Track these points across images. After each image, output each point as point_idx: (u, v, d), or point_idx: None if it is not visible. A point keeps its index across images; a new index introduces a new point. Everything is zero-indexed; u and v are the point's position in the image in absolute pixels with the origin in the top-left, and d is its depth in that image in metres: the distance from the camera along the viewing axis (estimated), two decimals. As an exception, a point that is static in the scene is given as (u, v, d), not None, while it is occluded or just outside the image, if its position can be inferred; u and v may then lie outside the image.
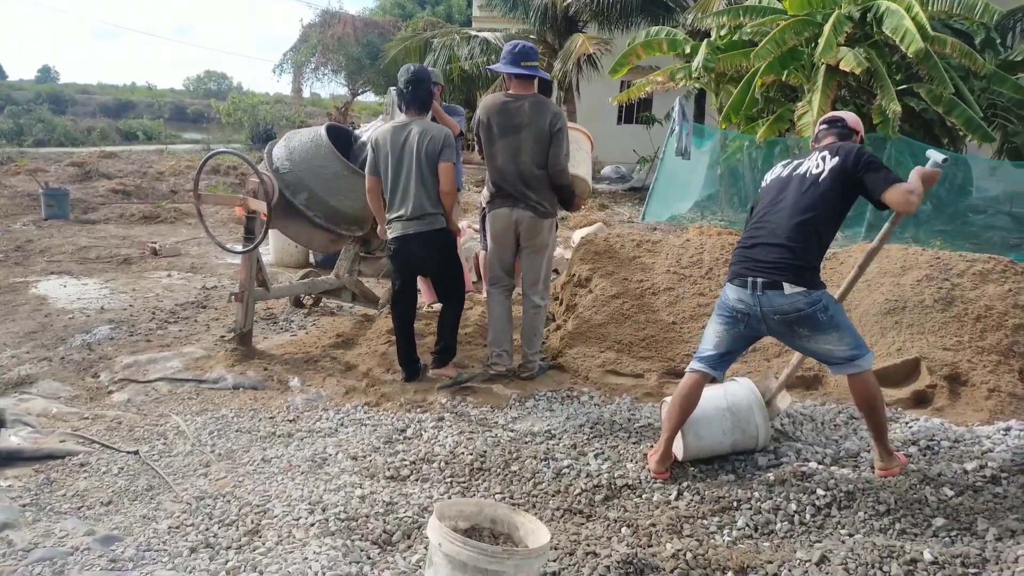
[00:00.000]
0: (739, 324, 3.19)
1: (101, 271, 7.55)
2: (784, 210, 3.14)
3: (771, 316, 3.06)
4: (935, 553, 2.58)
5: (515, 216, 4.29)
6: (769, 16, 11.14)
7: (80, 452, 3.54)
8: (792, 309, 3.01)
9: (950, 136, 11.67)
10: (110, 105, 40.57)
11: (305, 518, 2.85)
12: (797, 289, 3.00)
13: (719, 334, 3.26)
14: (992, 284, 4.50)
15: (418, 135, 4.21)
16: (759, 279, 3.07)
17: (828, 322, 3.02)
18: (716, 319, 3.29)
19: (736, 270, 3.21)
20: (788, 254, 3.05)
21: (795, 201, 3.13)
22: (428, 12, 31.55)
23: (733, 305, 3.17)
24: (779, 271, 3.04)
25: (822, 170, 3.11)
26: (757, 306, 3.07)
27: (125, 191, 12.80)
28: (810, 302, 3.00)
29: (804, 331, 3.05)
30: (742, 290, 3.12)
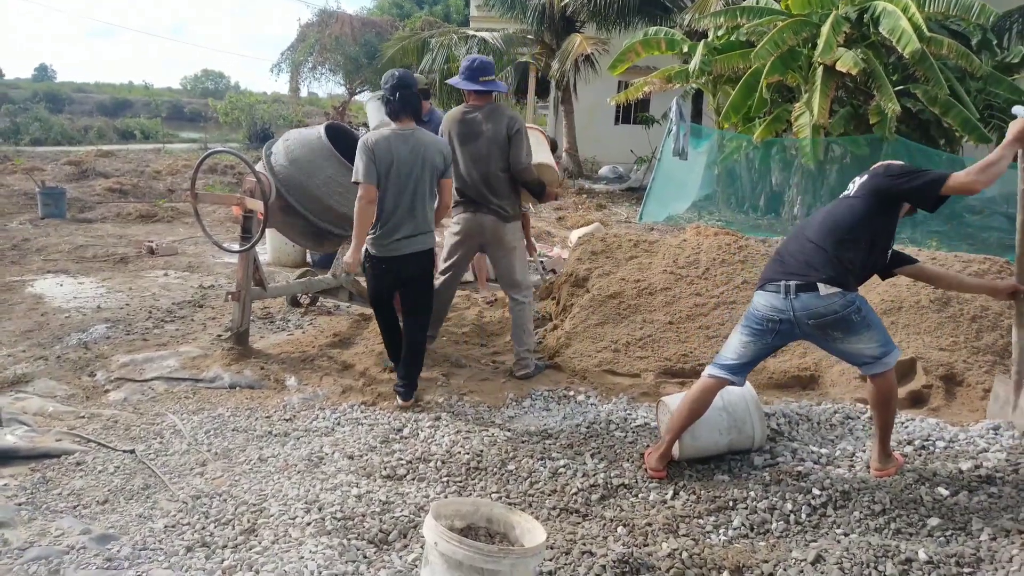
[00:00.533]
0: (768, 335, 3.13)
1: (98, 270, 7.54)
2: (816, 221, 3.19)
3: (805, 320, 3.02)
4: (930, 552, 2.59)
5: (479, 220, 4.43)
6: (766, 17, 11.16)
7: (76, 451, 3.53)
8: (828, 311, 2.97)
9: (946, 137, 11.69)
10: (107, 104, 40.49)
11: (301, 517, 2.85)
12: (832, 290, 2.97)
13: (745, 345, 3.18)
14: (988, 285, 4.51)
15: (426, 148, 3.94)
16: (791, 282, 3.03)
17: (861, 323, 2.99)
18: (743, 330, 3.20)
19: (766, 275, 3.18)
20: (820, 255, 3.03)
21: (826, 214, 3.20)
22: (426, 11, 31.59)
23: (764, 315, 3.10)
24: (812, 271, 3.01)
25: (853, 188, 3.20)
26: (790, 311, 3.02)
27: (122, 190, 12.77)
28: (845, 303, 2.97)
29: (838, 333, 3.02)
30: (774, 295, 3.07)
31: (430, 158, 3.94)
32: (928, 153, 11.19)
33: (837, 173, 11.63)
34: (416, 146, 3.91)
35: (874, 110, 10.43)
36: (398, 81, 3.96)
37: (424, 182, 3.94)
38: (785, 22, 10.61)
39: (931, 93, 10.27)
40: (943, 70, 10.19)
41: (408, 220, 3.92)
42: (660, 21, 15.96)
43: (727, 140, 12.74)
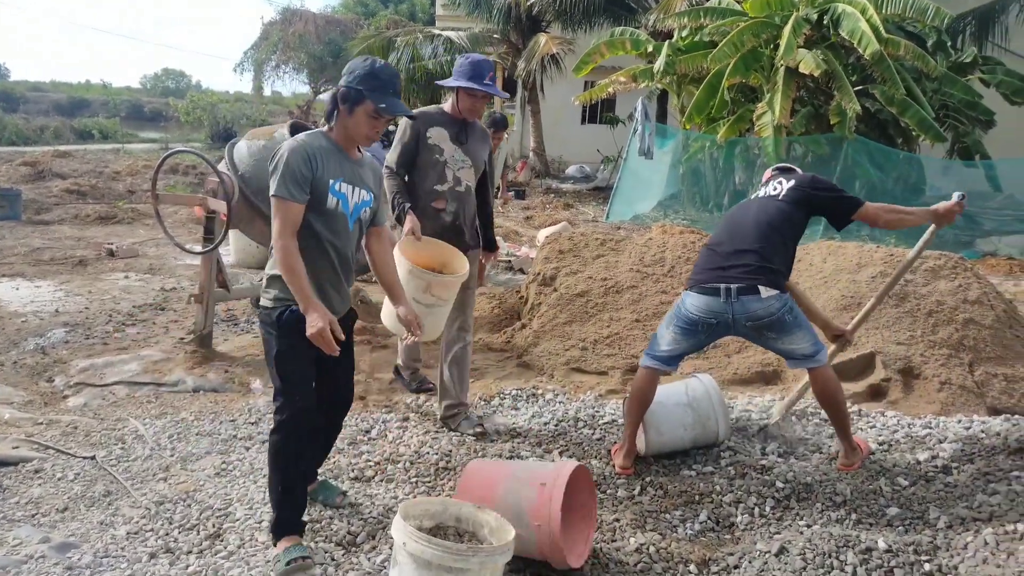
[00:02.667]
0: (699, 334, 3.19)
1: (55, 273, 7.37)
2: (748, 222, 3.21)
3: (743, 322, 3.07)
4: (889, 541, 2.65)
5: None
6: (729, 18, 11.31)
7: (34, 458, 3.45)
8: (766, 313, 3.03)
9: (904, 136, 11.97)
10: (64, 103, 39.50)
11: (267, 521, 2.81)
12: (771, 292, 3.03)
13: (676, 340, 3.23)
14: (943, 280, 4.63)
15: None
16: (734, 285, 3.05)
17: (793, 323, 3.07)
18: (673, 327, 3.23)
19: (702, 278, 3.16)
20: (760, 258, 3.08)
21: (757, 214, 3.23)
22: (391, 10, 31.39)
23: (697, 317, 3.13)
24: (755, 275, 3.05)
25: (779, 191, 3.28)
26: (729, 313, 3.06)
27: (80, 191, 12.50)
28: (780, 305, 3.04)
29: (772, 334, 3.09)
30: (711, 299, 3.08)
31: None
32: (887, 152, 11.45)
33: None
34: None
35: (834, 110, 10.63)
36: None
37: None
38: (746, 23, 10.77)
39: (889, 93, 10.51)
40: (900, 71, 10.43)
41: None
42: (625, 21, 16.08)
43: (691, 140, 12.89)
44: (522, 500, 2.50)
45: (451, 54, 17.20)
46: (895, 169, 11.84)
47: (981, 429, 3.53)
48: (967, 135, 12.26)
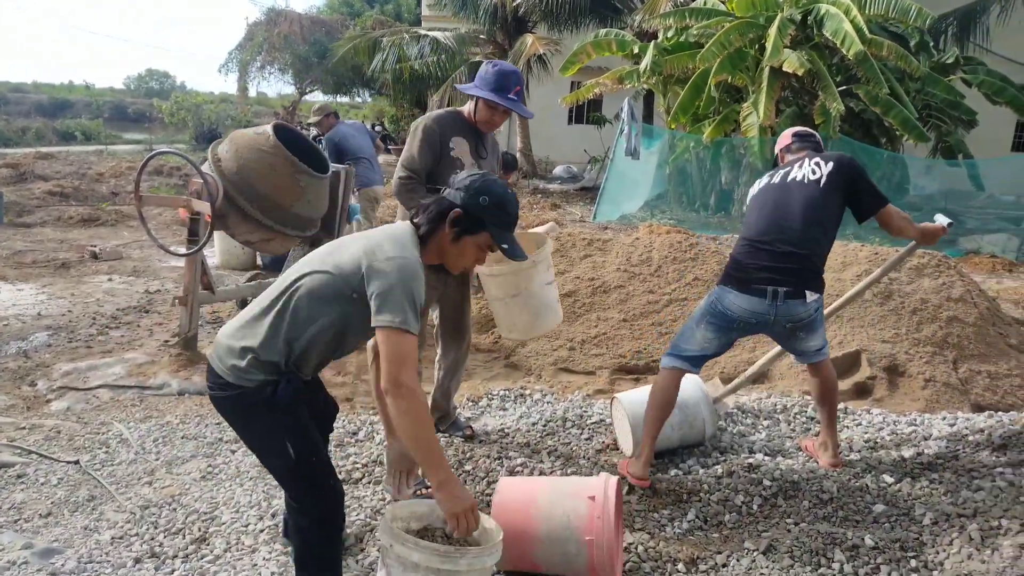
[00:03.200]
0: (734, 332, 3.10)
1: (38, 276, 7.29)
2: (795, 215, 3.03)
3: (784, 323, 3.00)
4: (876, 539, 2.67)
5: None
6: (714, 18, 11.35)
7: (17, 463, 3.41)
8: (807, 316, 3.00)
9: (887, 136, 12.07)
10: (46, 104, 39.08)
11: (254, 524, 2.80)
12: (815, 296, 2.99)
13: (708, 339, 3.11)
14: (927, 278, 4.67)
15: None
16: (782, 288, 2.94)
17: (819, 321, 3.08)
18: (706, 325, 3.10)
19: (748, 277, 3.00)
20: (809, 263, 2.99)
21: (804, 206, 3.03)
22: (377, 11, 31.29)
23: (736, 315, 3.02)
24: (804, 280, 2.96)
25: (819, 176, 3.07)
26: (772, 314, 2.97)
27: (63, 193, 12.37)
28: (817, 306, 3.02)
29: (803, 333, 3.06)
30: (757, 299, 2.97)
31: None
32: (871, 151, 11.54)
33: (785, 171, 11.90)
34: None
35: (819, 110, 10.70)
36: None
37: None
38: (731, 24, 10.82)
39: (872, 93, 10.59)
40: (883, 71, 10.52)
41: None
42: (611, 22, 16.12)
43: (678, 140, 12.94)
44: (570, 513, 2.41)
45: (437, 54, 17.18)
46: (879, 168, 11.93)
47: (965, 426, 3.57)
48: (950, 134, 12.38)
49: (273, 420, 2.06)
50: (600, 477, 2.57)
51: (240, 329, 2.10)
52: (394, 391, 1.91)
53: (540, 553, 2.43)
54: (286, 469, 2.11)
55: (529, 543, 2.43)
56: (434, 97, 18.49)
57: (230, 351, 2.08)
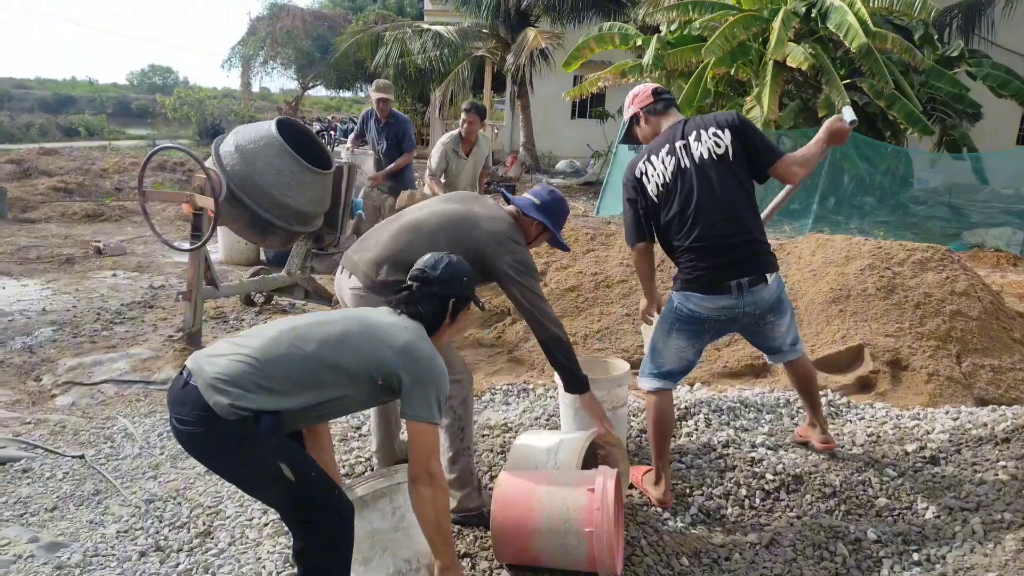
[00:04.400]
0: (707, 333, 2.96)
1: (42, 271, 7.31)
2: (727, 201, 2.80)
3: (751, 312, 2.87)
4: (878, 532, 2.68)
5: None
6: (718, 12, 11.31)
7: (22, 458, 3.43)
8: (772, 297, 2.88)
9: (892, 130, 12.02)
10: (49, 100, 39.16)
11: (258, 518, 2.81)
12: (774, 273, 2.89)
13: (682, 349, 2.96)
14: (931, 272, 4.66)
15: None
16: (744, 279, 2.81)
17: (786, 301, 2.97)
18: (677, 335, 2.94)
19: (710, 278, 2.83)
20: (758, 244, 2.86)
21: (730, 188, 2.81)
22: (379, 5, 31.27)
23: (706, 315, 2.87)
24: (761, 263, 2.85)
25: (725, 147, 2.82)
26: (740, 307, 2.85)
27: (67, 189, 12.39)
28: (779, 284, 2.92)
29: (772, 316, 2.92)
30: (722, 297, 2.83)
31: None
32: (875, 145, 11.50)
33: (788, 165, 11.87)
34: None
35: (823, 104, 10.66)
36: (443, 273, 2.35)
37: None
38: (736, 17, 10.78)
39: (876, 87, 10.54)
40: (887, 64, 10.47)
41: None
42: (613, 15, 16.07)
43: (681, 134, 12.89)
44: (570, 505, 2.42)
45: (440, 49, 17.16)
46: (883, 162, 11.89)
47: (968, 420, 3.56)
48: (954, 128, 12.33)
49: (268, 444, 2.00)
50: (599, 470, 2.57)
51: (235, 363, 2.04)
52: (426, 479, 2.08)
53: (540, 545, 2.44)
54: (286, 494, 2.04)
55: (529, 536, 2.44)
56: (436, 92, 18.47)
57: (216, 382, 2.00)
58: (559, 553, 2.43)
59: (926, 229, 10.91)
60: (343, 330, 2.12)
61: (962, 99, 12.01)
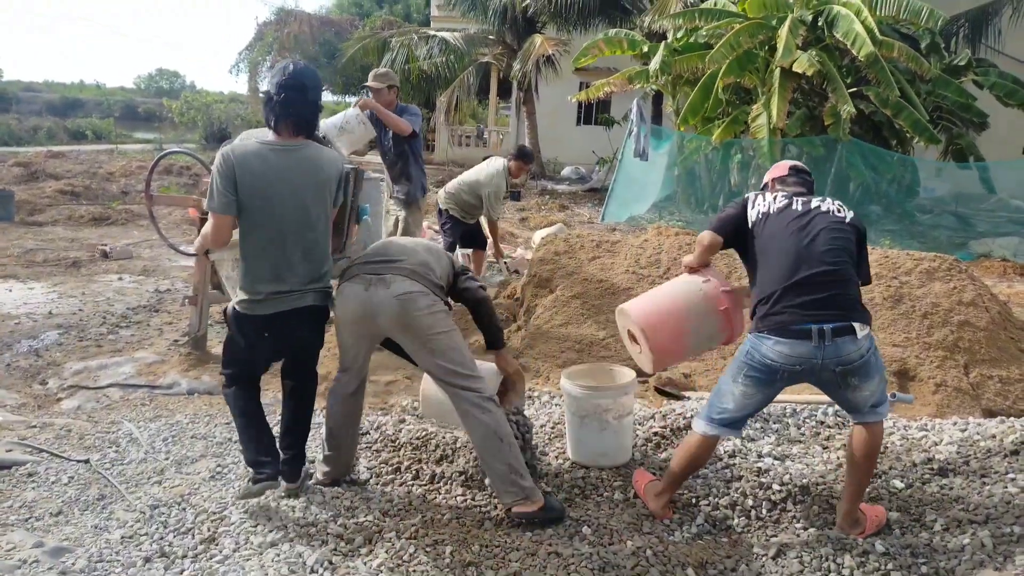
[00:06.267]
0: (778, 383, 2.70)
1: (49, 275, 7.33)
2: (823, 243, 2.70)
3: (832, 367, 2.60)
4: (886, 544, 2.66)
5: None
6: (724, 19, 11.33)
7: (28, 462, 3.43)
8: (858, 356, 2.60)
9: (898, 138, 12.02)
10: (57, 103, 39.34)
11: (263, 525, 2.80)
12: (865, 331, 2.62)
13: (748, 395, 2.72)
14: (938, 282, 4.64)
15: (320, 168, 2.87)
16: (828, 326, 2.56)
17: (876, 364, 2.67)
18: (745, 380, 2.71)
19: (787, 319, 2.62)
20: (847, 288, 2.65)
21: (832, 236, 2.72)
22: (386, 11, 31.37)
23: (779, 365, 2.62)
24: (850, 310, 2.61)
25: (845, 216, 2.81)
26: (819, 359, 2.57)
27: (73, 192, 12.45)
28: (870, 344, 2.64)
29: (855, 379, 2.63)
30: (800, 343, 2.58)
31: (324, 181, 2.88)
32: (881, 154, 11.50)
33: (794, 173, 11.87)
34: (306, 165, 2.85)
35: (829, 112, 10.66)
36: (289, 78, 2.82)
37: (315, 216, 2.88)
38: (742, 25, 10.79)
39: (883, 95, 10.54)
40: (894, 73, 10.47)
41: (288, 268, 2.84)
42: (620, 23, 16.13)
43: (687, 141, 12.92)
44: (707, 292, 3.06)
45: (446, 55, 17.21)
46: (889, 171, 11.88)
47: (977, 431, 3.54)
48: (961, 137, 12.32)
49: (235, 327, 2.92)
50: (706, 273, 3.11)
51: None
52: None
53: (691, 342, 3.07)
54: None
55: (682, 337, 3.03)
56: (442, 97, 18.52)
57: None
58: (704, 337, 3.05)
59: (932, 238, 10.89)
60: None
61: (969, 108, 12.01)
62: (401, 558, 2.59)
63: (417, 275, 2.92)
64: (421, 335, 2.88)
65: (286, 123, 2.84)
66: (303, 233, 2.84)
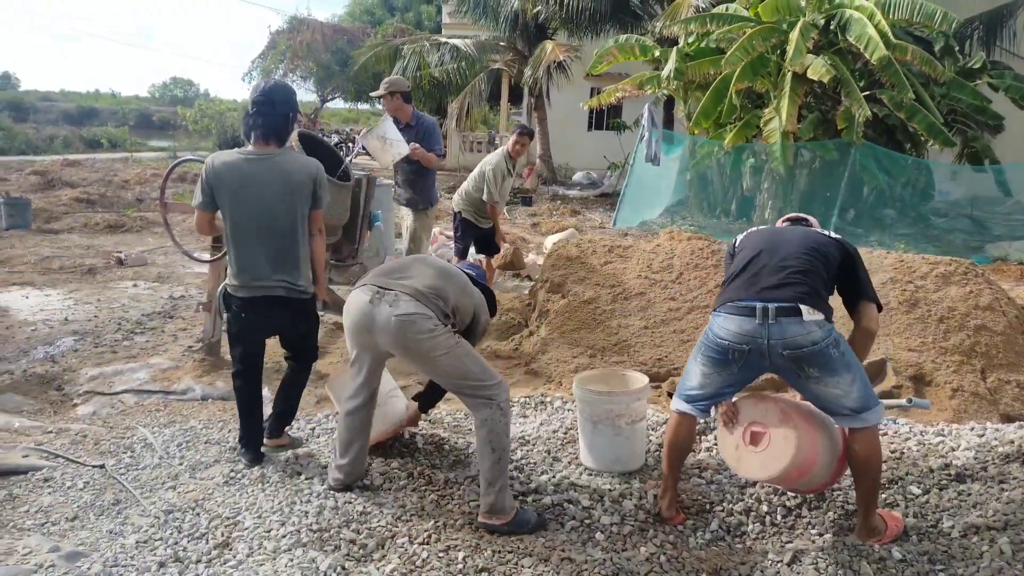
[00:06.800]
0: (732, 365, 2.74)
1: (65, 281, 7.40)
2: (792, 242, 2.81)
3: (779, 350, 2.62)
4: (903, 551, 2.63)
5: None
6: (736, 24, 11.30)
7: (44, 467, 3.46)
8: (807, 342, 2.59)
9: (912, 141, 11.93)
10: (73, 112, 39.81)
11: (277, 530, 2.81)
12: (816, 316, 2.60)
13: (705, 375, 2.82)
14: (954, 286, 4.60)
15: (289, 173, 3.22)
16: (771, 304, 2.62)
17: (840, 360, 2.62)
18: (701, 358, 2.82)
19: (733, 295, 2.74)
20: (804, 277, 2.68)
21: (803, 237, 2.85)
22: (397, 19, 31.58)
23: (727, 343, 2.70)
24: (799, 294, 2.63)
25: (829, 232, 2.92)
26: (764, 338, 2.62)
27: (89, 200, 12.56)
28: (825, 334, 2.61)
29: (814, 371, 2.62)
30: (744, 319, 2.65)
31: (292, 184, 3.22)
32: (895, 157, 11.42)
33: (807, 177, 11.82)
34: (275, 171, 3.20)
35: (842, 115, 10.61)
36: (259, 94, 3.24)
37: (283, 216, 3.22)
38: (754, 29, 10.76)
39: (897, 99, 10.47)
40: (908, 76, 10.40)
41: (253, 259, 3.24)
42: (631, 28, 16.12)
43: (698, 146, 12.88)
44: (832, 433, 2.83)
45: (457, 62, 17.27)
46: (903, 174, 11.80)
47: (994, 437, 3.50)
48: (976, 140, 12.22)
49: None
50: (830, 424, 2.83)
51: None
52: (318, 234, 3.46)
53: (820, 461, 2.75)
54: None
55: (815, 454, 2.72)
56: (453, 104, 18.57)
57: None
58: (822, 473, 2.78)
59: (948, 242, 10.80)
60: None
61: (984, 111, 11.91)
62: (414, 563, 2.59)
63: (424, 297, 2.89)
64: (422, 357, 2.90)
65: (256, 134, 3.24)
66: (268, 230, 3.21)
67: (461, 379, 2.91)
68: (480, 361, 2.95)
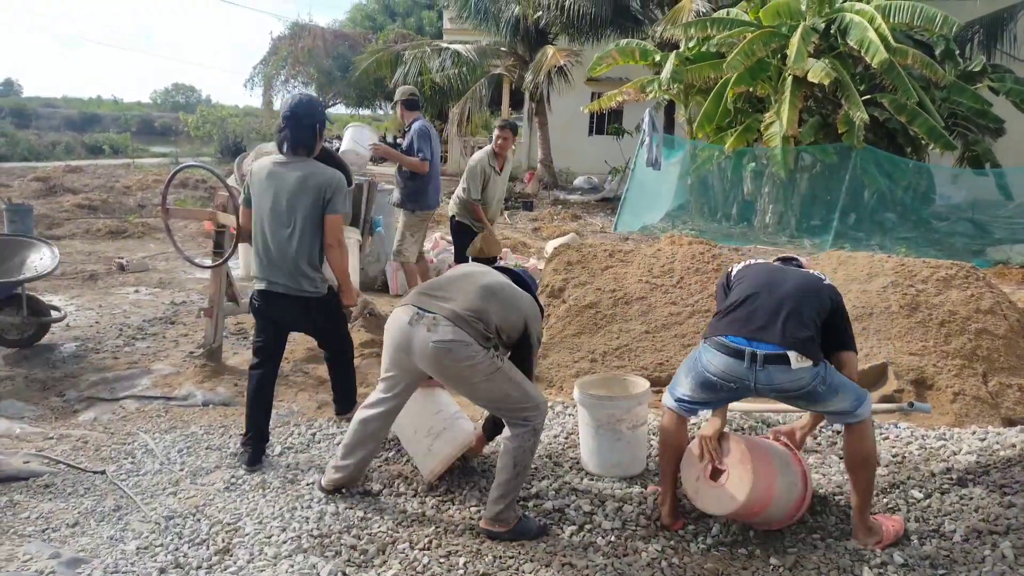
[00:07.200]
0: (719, 392, 2.76)
1: (66, 287, 7.41)
2: (789, 283, 2.79)
3: (767, 392, 2.67)
4: (905, 556, 2.62)
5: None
6: (737, 28, 11.33)
7: (45, 473, 3.46)
8: (794, 387, 2.62)
9: (913, 145, 11.94)
10: (75, 119, 39.87)
11: (277, 536, 2.81)
12: (804, 364, 2.59)
13: (696, 392, 2.82)
14: (955, 290, 4.60)
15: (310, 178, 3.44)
16: (760, 350, 2.60)
17: (827, 391, 2.65)
18: (691, 378, 2.82)
19: (723, 330, 2.72)
20: (797, 320, 2.64)
21: (801, 279, 2.82)
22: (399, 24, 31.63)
23: (715, 379, 2.71)
24: (788, 339, 2.60)
25: (823, 277, 2.89)
26: (751, 381, 2.64)
27: (91, 206, 12.57)
28: (812, 377, 2.61)
29: (802, 402, 2.75)
30: (733, 361, 2.65)
31: (308, 189, 3.42)
32: (896, 161, 11.43)
33: (808, 181, 11.83)
34: (293, 175, 3.44)
35: (842, 119, 10.62)
36: (287, 110, 3.54)
37: (288, 216, 3.44)
38: (755, 33, 10.78)
39: (898, 102, 10.49)
40: (909, 79, 10.42)
41: (266, 255, 3.51)
42: (632, 33, 16.16)
43: (699, 150, 12.90)
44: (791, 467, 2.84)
45: (459, 67, 17.30)
46: (904, 178, 11.81)
47: (996, 440, 3.49)
48: (977, 143, 12.22)
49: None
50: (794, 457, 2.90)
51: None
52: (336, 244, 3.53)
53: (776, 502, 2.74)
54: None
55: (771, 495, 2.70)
56: (454, 109, 18.60)
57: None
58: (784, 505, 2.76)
59: (949, 245, 10.79)
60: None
61: (984, 114, 11.93)
62: (415, 569, 2.59)
63: (463, 322, 2.78)
64: (460, 382, 2.88)
65: (285, 145, 3.52)
66: (278, 230, 3.46)
67: (499, 402, 2.89)
68: (521, 385, 2.87)
